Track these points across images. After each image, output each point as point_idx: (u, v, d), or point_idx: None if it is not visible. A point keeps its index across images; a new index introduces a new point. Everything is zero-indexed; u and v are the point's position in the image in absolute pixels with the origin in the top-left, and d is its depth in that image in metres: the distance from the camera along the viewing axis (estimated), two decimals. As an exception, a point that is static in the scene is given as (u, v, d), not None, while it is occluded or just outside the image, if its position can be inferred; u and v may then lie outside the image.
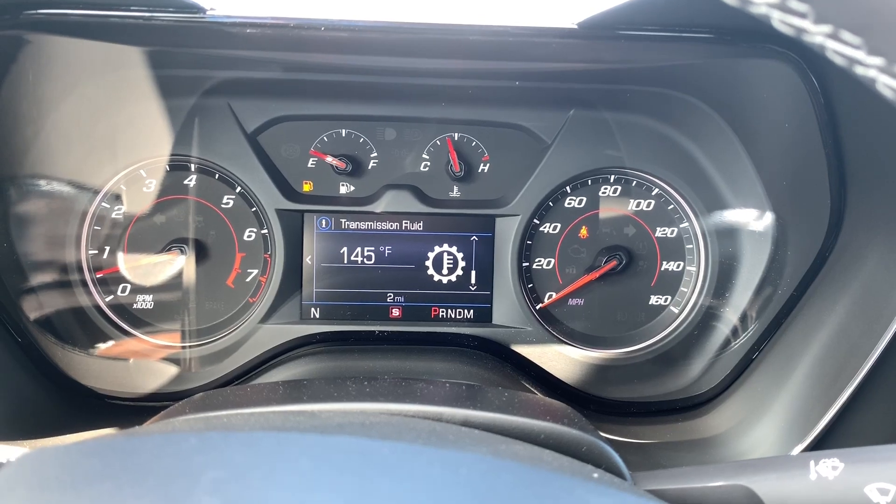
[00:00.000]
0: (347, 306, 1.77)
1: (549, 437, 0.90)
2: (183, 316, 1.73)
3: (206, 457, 0.55)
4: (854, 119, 1.33)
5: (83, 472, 0.54)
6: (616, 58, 1.48)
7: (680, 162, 1.73)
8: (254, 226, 1.74)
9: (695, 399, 1.70)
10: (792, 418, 1.37)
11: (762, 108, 1.52)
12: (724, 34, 1.34)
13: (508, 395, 1.05)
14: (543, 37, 1.31)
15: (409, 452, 0.62)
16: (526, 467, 0.66)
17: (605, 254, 1.77)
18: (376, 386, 1.05)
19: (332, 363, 1.56)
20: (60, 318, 1.64)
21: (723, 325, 1.72)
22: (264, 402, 0.99)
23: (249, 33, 1.29)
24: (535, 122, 1.74)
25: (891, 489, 0.78)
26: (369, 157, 1.77)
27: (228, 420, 0.76)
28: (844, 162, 1.40)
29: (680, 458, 1.45)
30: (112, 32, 1.35)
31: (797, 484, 0.81)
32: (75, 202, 1.66)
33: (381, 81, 1.61)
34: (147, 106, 1.62)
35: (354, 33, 1.30)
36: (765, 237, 1.64)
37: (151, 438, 0.58)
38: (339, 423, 0.75)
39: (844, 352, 1.32)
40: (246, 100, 1.68)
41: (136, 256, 1.70)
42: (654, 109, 1.69)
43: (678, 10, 1.25)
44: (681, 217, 1.78)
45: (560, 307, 1.81)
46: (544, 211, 1.77)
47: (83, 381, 1.63)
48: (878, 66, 0.54)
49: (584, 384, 1.74)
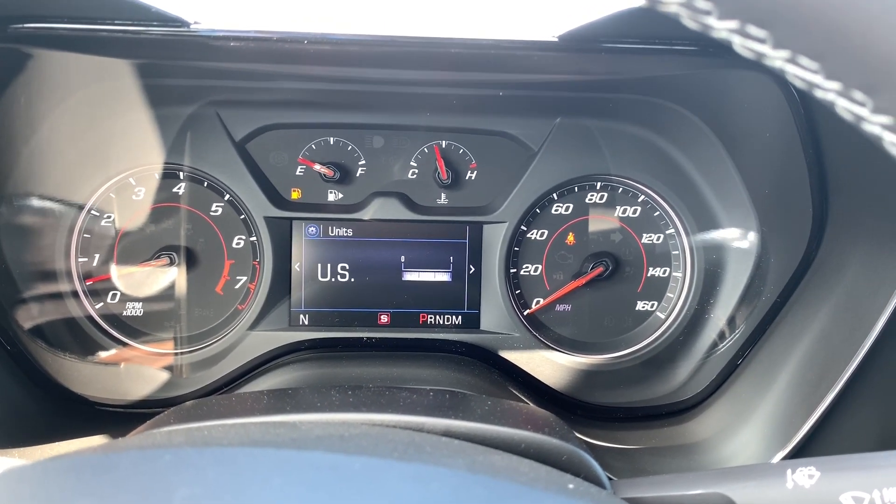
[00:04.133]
0: (336, 313, 1.78)
1: (530, 447, 0.91)
2: (173, 323, 1.74)
3: (180, 474, 0.56)
4: (833, 129, 1.34)
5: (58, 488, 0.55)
6: (599, 69, 1.49)
7: (666, 169, 1.74)
8: (242, 233, 1.75)
9: (680, 404, 1.72)
10: (774, 425, 1.38)
11: (745, 117, 1.54)
12: (706, 46, 1.35)
13: (491, 404, 1.07)
14: (524, 50, 1.32)
15: (381, 468, 0.63)
16: (499, 481, 0.67)
17: (592, 260, 1.78)
18: (360, 395, 1.06)
19: (319, 370, 1.57)
20: (51, 326, 1.64)
21: (708, 331, 1.73)
22: (248, 413, 1.00)
23: (234, 46, 1.30)
24: (522, 130, 1.75)
25: (865, 497, 0.79)
26: (357, 164, 1.78)
27: (209, 433, 0.77)
28: (826, 170, 1.42)
29: (664, 464, 1.47)
30: (99, 45, 1.36)
31: (774, 492, 0.82)
32: (64, 212, 1.66)
33: (367, 90, 1.62)
34: (136, 116, 1.63)
35: (337, 46, 1.31)
36: (749, 244, 1.65)
37: (126, 454, 0.60)
38: (317, 436, 0.76)
39: (826, 358, 1.34)
40: (234, 109, 1.69)
41: (126, 265, 1.71)
42: (639, 117, 1.70)
43: (659, 23, 1.25)
44: (667, 224, 1.79)
45: (547, 313, 1.82)
46: (531, 218, 1.78)
47: (73, 387, 1.63)
48: (836, 90, 0.55)
49: (571, 389, 1.75)
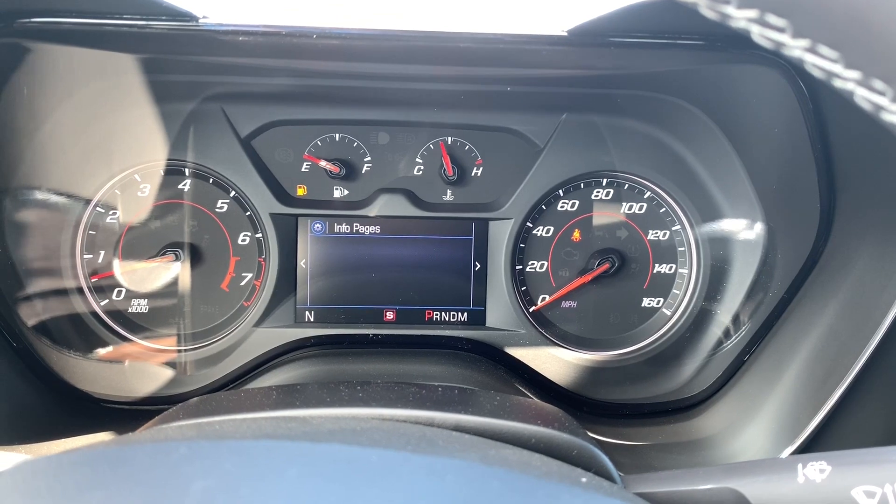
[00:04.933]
0: (341, 309, 1.77)
1: (540, 441, 0.91)
2: (178, 320, 1.74)
3: (195, 466, 0.56)
4: (842, 123, 1.34)
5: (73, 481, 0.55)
6: (607, 64, 1.49)
7: (672, 165, 1.74)
8: (248, 230, 1.74)
9: (686, 401, 1.71)
10: (782, 420, 1.38)
11: (753, 113, 1.53)
12: (714, 41, 1.35)
13: (500, 399, 1.06)
14: (533, 44, 1.32)
15: (397, 460, 0.63)
16: (513, 473, 0.67)
17: (598, 256, 1.77)
18: (369, 390, 1.05)
19: (326, 366, 1.57)
20: (55, 323, 1.64)
21: (714, 327, 1.73)
22: (258, 408, 0.99)
23: (242, 41, 1.29)
24: (528, 126, 1.74)
25: (877, 492, 0.78)
26: (363, 161, 1.78)
27: (220, 427, 0.77)
28: (833, 165, 1.41)
29: (672, 460, 1.46)
30: (106, 40, 1.36)
31: (785, 487, 0.82)
32: (70, 208, 1.66)
33: (374, 86, 1.62)
34: (142, 111, 1.63)
35: (346, 41, 1.30)
36: (756, 240, 1.65)
37: (142, 447, 0.59)
38: (329, 430, 0.76)
39: (834, 354, 1.33)
40: (240, 105, 1.68)
41: (131, 261, 1.71)
42: (645, 113, 1.69)
43: (667, 17, 1.25)
44: (673, 220, 1.79)
45: (553, 310, 1.81)
46: (537, 214, 1.78)
47: (79, 385, 1.63)
48: (856, 79, 0.55)
49: (578, 386, 1.75)
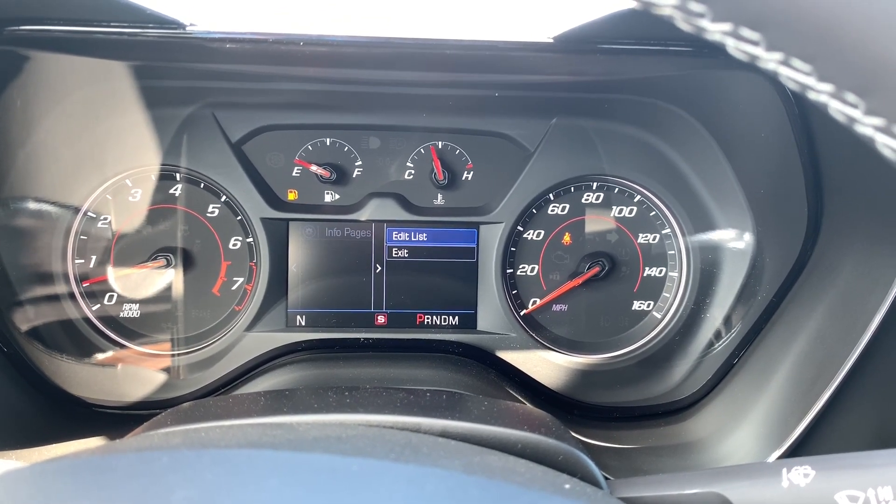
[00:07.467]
0: (333, 313, 1.78)
1: (526, 447, 0.92)
2: (169, 324, 1.74)
3: (178, 476, 0.56)
4: (828, 129, 1.34)
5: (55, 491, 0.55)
6: (594, 70, 1.50)
7: (662, 169, 1.75)
8: (239, 234, 1.75)
9: (676, 404, 1.72)
10: (770, 424, 1.39)
11: (740, 118, 1.54)
12: (701, 47, 1.35)
13: (488, 405, 1.07)
14: (519, 51, 1.32)
15: (378, 469, 0.63)
16: (494, 482, 0.67)
17: (589, 260, 1.78)
18: (357, 396, 1.06)
19: (316, 371, 1.57)
20: (47, 328, 1.64)
21: (704, 331, 1.74)
22: (246, 414, 1.00)
23: (230, 48, 1.30)
24: (518, 131, 1.75)
25: (860, 496, 0.79)
26: (354, 165, 1.78)
27: (206, 434, 0.77)
28: (820, 170, 1.42)
29: (661, 463, 1.47)
30: (95, 47, 1.36)
31: (770, 491, 0.82)
32: (61, 214, 1.66)
33: (363, 91, 1.63)
34: (132, 117, 1.63)
35: (333, 48, 1.31)
36: (745, 244, 1.66)
37: (124, 456, 0.60)
38: (314, 437, 0.76)
39: (821, 358, 1.34)
40: (230, 110, 1.69)
41: (122, 267, 1.71)
42: (635, 118, 1.70)
43: (654, 24, 1.26)
44: (663, 224, 1.80)
45: (544, 313, 1.82)
46: (528, 218, 1.79)
47: (70, 389, 1.63)
48: (829, 92, 0.55)
49: (568, 389, 1.76)
